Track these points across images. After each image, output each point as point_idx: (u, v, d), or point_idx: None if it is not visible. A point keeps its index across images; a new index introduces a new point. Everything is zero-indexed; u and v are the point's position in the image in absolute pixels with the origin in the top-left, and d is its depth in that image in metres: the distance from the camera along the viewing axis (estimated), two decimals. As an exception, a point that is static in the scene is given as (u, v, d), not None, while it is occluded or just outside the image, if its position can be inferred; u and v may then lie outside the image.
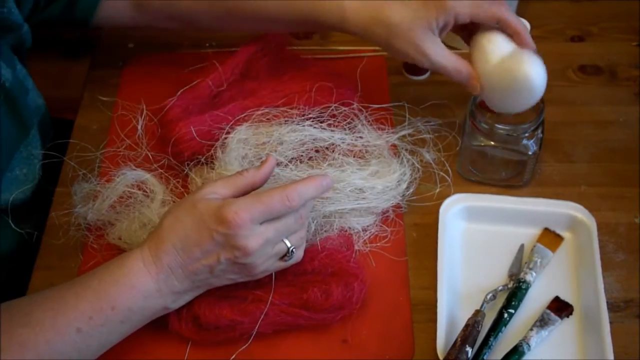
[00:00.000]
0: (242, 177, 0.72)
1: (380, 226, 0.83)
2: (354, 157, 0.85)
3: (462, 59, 0.82)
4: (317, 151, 0.86)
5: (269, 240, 0.69)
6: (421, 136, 0.89)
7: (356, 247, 0.81)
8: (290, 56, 0.96)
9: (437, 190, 0.86)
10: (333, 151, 0.85)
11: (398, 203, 0.84)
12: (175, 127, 0.85)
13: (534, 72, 0.77)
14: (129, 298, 0.68)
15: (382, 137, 0.87)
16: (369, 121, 0.88)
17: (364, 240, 0.82)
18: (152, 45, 1.04)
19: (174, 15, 0.90)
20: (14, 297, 0.79)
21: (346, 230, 0.82)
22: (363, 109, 0.89)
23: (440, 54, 0.81)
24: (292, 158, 0.85)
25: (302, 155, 0.85)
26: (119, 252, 0.80)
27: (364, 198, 0.81)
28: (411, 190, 0.85)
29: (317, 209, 0.80)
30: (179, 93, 0.89)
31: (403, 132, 0.88)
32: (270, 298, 0.74)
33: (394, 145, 0.88)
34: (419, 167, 0.86)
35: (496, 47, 0.80)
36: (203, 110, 0.87)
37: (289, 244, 0.71)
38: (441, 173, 0.87)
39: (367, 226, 0.82)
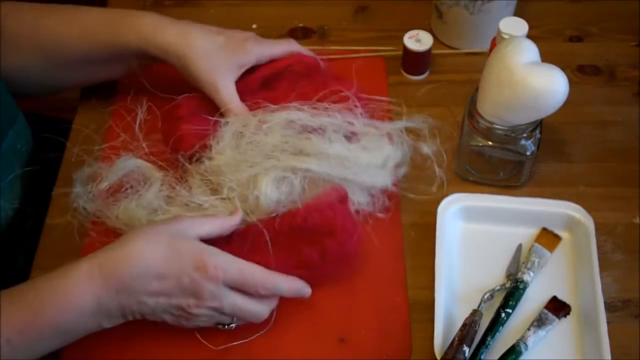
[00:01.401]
0: (214, 221, 0.74)
1: (377, 227, 0.83)
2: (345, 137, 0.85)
3: (245, 107, 0.84)
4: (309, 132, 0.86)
5: (221, 307, 0.69)
6: (418, 127, 0.89)
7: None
8: (317, 75, 0.93)
9: (435, 190, 0.86)
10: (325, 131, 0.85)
11: (390, 187, 0.83)
12: (177, 126, 0.85)
13: (558, 85, 0.77)
14: (62, 314, 0.66)
15: (377, 125, 0.87)
16: (366, 112, 0.88)
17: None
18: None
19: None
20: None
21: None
22: (358, 102, 0.87)
23: (228, 92, 0.83)
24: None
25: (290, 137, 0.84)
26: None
27: (347, 167, 0.81)
28: (403, 171, 0.85)
29: (300, 167, 0.80)
30: (182, 96, 0.88)
31: (400, 125, 0.88)
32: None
33: (390, 135, 0.87)
34: (409, 149, 0.86)
35: (518, 55, 0.78)
36: (210, 113, 0.87)
37: (228, 321, 0.72)
38: (439, 171, 0.87)
39: (362, 204, 0.82)
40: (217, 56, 0.83)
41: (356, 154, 0.82)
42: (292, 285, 0.73)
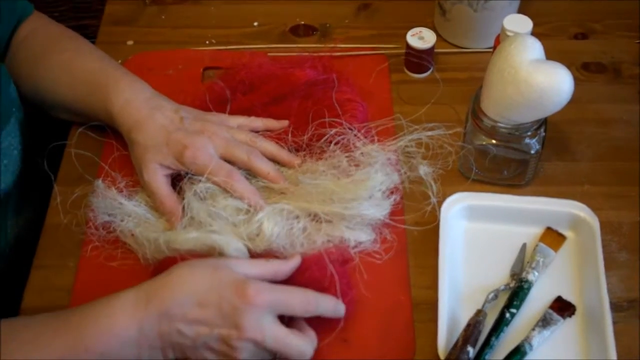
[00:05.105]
0: (268, 264, 0.72)
1: (380, 226, 0.82)
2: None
3: (173, 197, 0.81)
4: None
5: (263, 339, 0.67)
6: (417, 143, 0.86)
7: (354, 252, 0.80)
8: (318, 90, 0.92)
9: (438, 189, 0.85)
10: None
11: (385, 219, 0.82)
12: None
13: (563, 83, 0.76)
14: (104, 342, 0.65)
15: (375, 150, 0.85)
16: (364, 141, 0.86)
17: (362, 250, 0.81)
18: (151, 43, 1.04)
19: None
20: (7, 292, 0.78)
21: (344, 242, 0.80)
22: (359, 132, 0.86)
23: (156, 181, 0.81)
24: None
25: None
26: (122, 247, 0.80)
27: (332, 201, 0.79)
28: (392, 199, 0.82)
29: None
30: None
31: (400, 143, 0.86)
32: None
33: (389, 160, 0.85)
34: (405, 179, 0.85)
35: (522, 53, 0.78)
36: None
37: (270, 357, 0.69)
38: (442, 171, 0.86)
39: (362, 242, 0.80)
40: (150, 151, 0.81)
41: (344, 188, 0.80)
42: (331, 303, 0.72)
